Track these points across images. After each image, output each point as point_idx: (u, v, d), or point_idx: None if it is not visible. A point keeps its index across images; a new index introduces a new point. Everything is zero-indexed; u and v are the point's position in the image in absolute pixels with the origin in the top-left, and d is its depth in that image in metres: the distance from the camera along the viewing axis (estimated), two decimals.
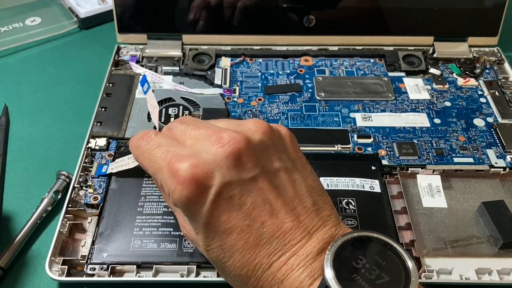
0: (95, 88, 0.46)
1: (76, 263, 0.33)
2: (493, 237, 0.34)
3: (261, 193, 0.25)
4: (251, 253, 0.25)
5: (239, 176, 0.25)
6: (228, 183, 0.25)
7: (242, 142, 0.26)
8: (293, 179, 0.27)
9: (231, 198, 0.25)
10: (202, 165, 0.25)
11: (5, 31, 0.56)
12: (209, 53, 0.50)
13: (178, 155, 0.26)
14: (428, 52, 0.51)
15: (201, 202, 0.25)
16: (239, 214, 0.25)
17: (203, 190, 0.25)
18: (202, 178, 0.25)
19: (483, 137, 0.42)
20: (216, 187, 0.25)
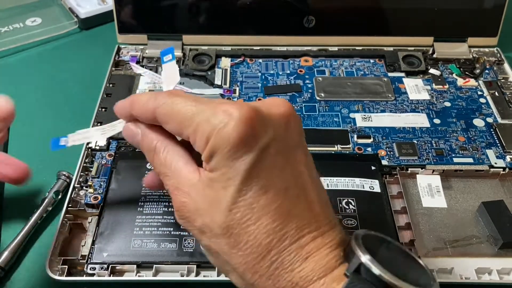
0: (95, 88, 0.47)
1: (76, 263, 0.33)
2: (492, 237, 0.34)
3: (300, 164, 0.25)
4: (281, 219, 0.24)
5: (286, 137, 0.25)
6: (276, 139, 0.24)
7: (291, 109, 0.26)
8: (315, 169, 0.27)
9: (277, 154, 0.24)
10: (259, 112, 0.24)
11: (5, 32, 0.56)
12: (209, 53, 0.50)
13: (227, 101, 0.25)
14: (428, 52, 0.51)
15: (250, 146, 0.23)
16: (280, 175, 0.24)
17: (257, 135, 0.24)
18: (258, 122, 0.24)
19: (483, 137, 0.42)
20: (269, 137, 0.24)
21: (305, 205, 0.24)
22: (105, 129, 0.31)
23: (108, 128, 0.31)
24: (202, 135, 0.24)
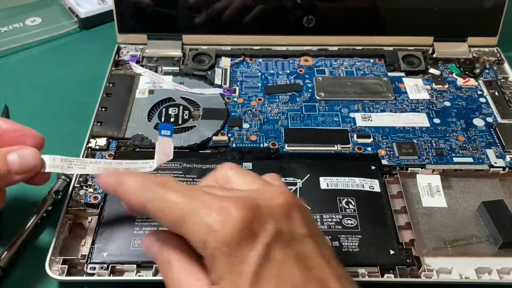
0: (95, 88, 0.46)
1: (76, 263, 0.33)
2: (492, 237, 0.34)
3: (312, 255, 0.23)
4: None
5: (290, 229, 0.23)
6: (280, 232, 0.23)
7: (294, 198, 0.24)
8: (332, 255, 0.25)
9: (284, 248, 0.22)
10: (255, 206, 0.23)
11: (5, 31, 0.56)
12: (209, 53, 0.50)
13: (220, 195, 0.23)
14: (428, 52, 0.51)
15: (253, 245, 0.22)
16: (293, 269, 0.22)
17: (257, 232, 0.22)
18: (256, 218, 0.22)
19: (483, 137, 0.42)
20: (271, 232, 0.22)
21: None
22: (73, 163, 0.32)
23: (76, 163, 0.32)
24: (198, 238, 0.22)
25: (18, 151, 0.31)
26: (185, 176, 0.37)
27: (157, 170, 0.37)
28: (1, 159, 0.30)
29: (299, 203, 0.25)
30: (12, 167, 0.30)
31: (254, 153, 0.40)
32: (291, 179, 0.37)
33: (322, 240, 0.25)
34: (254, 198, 0.24)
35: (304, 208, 0.25)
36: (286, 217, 0.23)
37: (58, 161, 0.32)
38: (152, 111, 0.44)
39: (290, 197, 0.24)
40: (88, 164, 0.32)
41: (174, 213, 0.23)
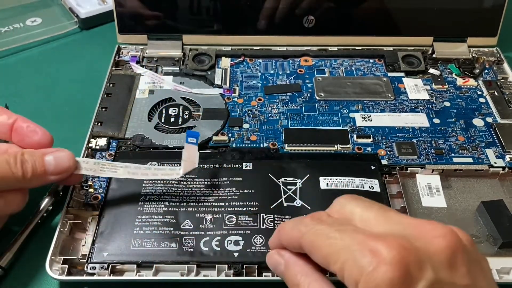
0: (95, 88, 0.47)
1: (76, 263, 0.33)
2: (492, 237, 0.34)
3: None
4: None
5: (452, 278, 0.21)
6: (439, 282, 0.20)
7: (458, 240, 0.22)
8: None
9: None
10: (413, 249, 0.21)
11: (5, 32, 0.56)
12: (209, 53, 0.50)
13: (375, 235, 0.22)
14: (428, 52, 0.51)
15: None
16: None
17: (412, 279, 0.20)
18: (413, 263, 0.20)
19: (483, 137, 0.42)
20: (427, 280, 0.20)
21: None
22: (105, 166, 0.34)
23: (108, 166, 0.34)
24: (350, 277, 0.21)
25: (54, 153, 0.32)
26: (185, 176, 0.37)
27: None
28: (39, 160, 0.32)
29: (467, 249, 0.22)
30: (48, 168, 0.32)
31: (254, 153, 0.40)
32: (291, 179, 0.37)
33: None
34: (411, 237, 0.22)
35: (472, 253, 0.22)
36: (448, 264, 0.21)
37: (91, 164, 0.34)
38: (152, 111, 0.44)
39: (455, 238, 0.22)
40: (119, 168, 0.34)
41: (325, 248, 0.23)
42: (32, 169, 0.31)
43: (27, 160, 0.31)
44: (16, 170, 0.31)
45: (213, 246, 0.33)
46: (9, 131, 0.34)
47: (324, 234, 0.23)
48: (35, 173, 0.31)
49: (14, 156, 0.31)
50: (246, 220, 0.35)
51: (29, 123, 0.34)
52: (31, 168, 0.31)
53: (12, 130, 0.34)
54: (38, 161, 0.32)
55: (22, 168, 0.31)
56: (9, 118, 0.34)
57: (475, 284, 0.21)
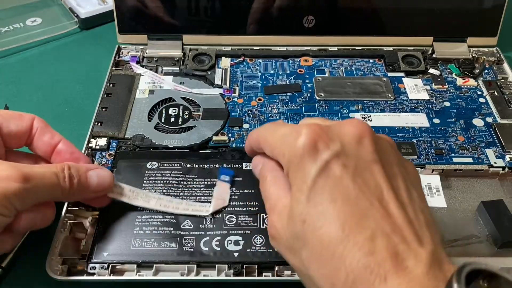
0: (95, 88, 0.47)
1: (76, 263, 0.33)
2: (492, 237, 0.34)
3: (375, 177, 0.25)
4: (352, 228, 0.23)
5: (358, 153, 0.25)
6: (345, 153, 0.25)
7: (368, 129, 0.26)
8: (410, 191, 0.26)
9: (345, 167, 0.25)
10: (325, 129, 0.26)
11: (5, 32, 0.56)
12: (209, 53, 0.50)
13: (305, 123, 0.27)
14: (428, 52, 0.51)
15: (315, 157, 0.25)
16: (349, 184, 0.24)
17: (323, 147, 0.25)
18: (325, 136, 0.26)
19: (482, 137, 0.42)
20: (333, 150, 0.25)
21: (381, 214, 0.24)
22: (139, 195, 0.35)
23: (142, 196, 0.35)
24: (281, 154, 0.27)
25: (97, 170, 0.33)
26: (185, 176, 0.37)
27: (158, 169, 0.38)
28: (83, 175, 0.32)
29: (374, 135, 0.26)
30: (91, 184, 0.33)
31: None
32: None
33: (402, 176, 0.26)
34: (329, 124, 0.27)
35: (378, 140, 0.27)
36: (355, 143, 0.26)
37: (126, 190, 0.35)
38: (152, 111, 0.44)
39: (363, 127, 0.26)
40: (152, 199, 0.35)
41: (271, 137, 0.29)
42: (78, 183, 0.31)
43: (74, 174, 0.31)
44: (64, 183, 0.31)
45: (213, 246, 0.33)
46: (51, 151, 0.34)
47: (272, 128, 0.29)
48: (79, 188, 0.32)
49: (61, 169, 0.31)
50: (246, 220, 0.35)
51: (73, 149, 0.35)
52: (77, 182, 0.31)
53: (54, 152, 0.34)
54: (83, 176, 0.32)
55: (70, 181, 0.31)
56: (52, 137, 0.34)
57: (380, 159, 0.26)
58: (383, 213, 0.24)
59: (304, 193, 0.25)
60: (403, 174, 0.26)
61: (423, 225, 0.24)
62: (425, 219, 0.25)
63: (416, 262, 0.22)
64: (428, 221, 0.25)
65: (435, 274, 0.22)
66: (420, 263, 0.22)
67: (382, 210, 0.24)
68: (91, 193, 0.33)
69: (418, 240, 0.23)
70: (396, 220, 0.24)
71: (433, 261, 0.22)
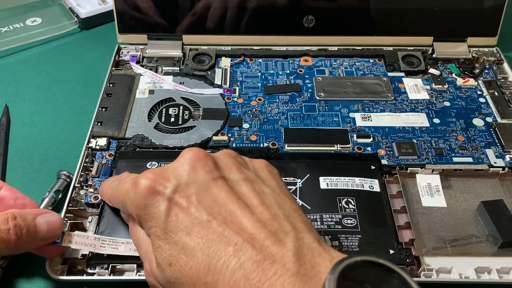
0: (95, 88, 0.47)
1: (76, 262, 0.33)
2: (492, 236, 0.34)
3: (220, 194, 0.25)
4: (215, 250, 0.23)
5: (195, 178, 0.26)
6: (183, 184, 0.26)
7: (200, 152, 0.27)
8: (260, 190, 0.26)
9: (188, 197, 0.25)
10: (159, 172, 0.27)
11: (5, 32, 0.56)
12: (209, 53, 0.50)
13: (142, 173, 0.27)
14: (428, 52, 0.51)
15: (158, 201, 0.26)
16: (198, 210, 0.25)
17: (160, 190, 0.26)
18: (158, 180, 0.26)
19: (482, 137, 0.42)
20: (171, 186, 0.26)
21: (236, 228, 0.24)
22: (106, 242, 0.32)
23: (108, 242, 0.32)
24: (130, 211, 0.28)
25: (45, 215, 0.30)
26: None
27: None
28: (32, 223, 0.29)
29: (203, 157, 0.27)
30: (40, 232, 0.30)
31: (254, 153, 0.40)
32: (291, 179, 0.37)
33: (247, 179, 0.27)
34: (165, 167, 0.27)
35: (209, 159, 0.27)
36: (190, 171, 0.26)
37: (91, 239, 0.32)
38: (152, 111, 0.44)
39: (193, 153, 0.27)
40: (120, 244, 0.32)
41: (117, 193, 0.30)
42: (26, 233, 0.28)
43: (21, 224, 0.28)
44: (9, 236, 0.28)
45: None
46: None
47: (116, 187, 0.30)
48: (28, 239, 0.29)
49: (4, 219, 0.28)
50: None
51: (17, 194, 0.32)
52: (26, 233, 0.28)
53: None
54: (31, 225, 0.29)
55: (16, 233, 0.28)
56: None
57: (223, 175, 0.26)
58: (237, 227, 0.24)
59: (161, 237, 0.25)
60: (249, 177, 0.27)
61: (283, 219, 0.24)
62: (283, 211, 0.25)
63: (284, 263, 0.22)
64: (287, 212, 0.25)
65: (306, 272, 0.22)
66: (288, 263, 0.22)
67: (236, 225, 0.24)
68: (41, 242, 0.30)
69: (278, 241, 0.23)
70: (252, 228, 0.24)
71: (300, 258, 0.22)
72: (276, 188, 0.27)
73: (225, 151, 0.29)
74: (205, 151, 0.27)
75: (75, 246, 0.31)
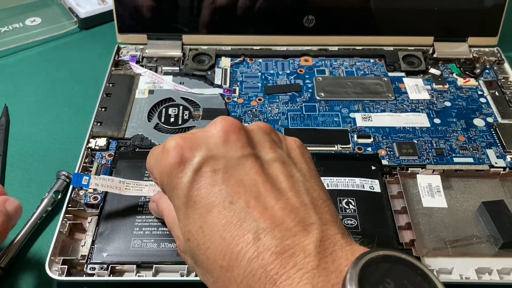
0: (95, 88, 0.47)
1: (76, 263, 0.33)
2: (493, 237, 0.34)
3: (248, 173, 0.24)
4: (233, 235, 0.22)
5: (226, 152, 0.24)
6: (213, 157, 0.24)
7: (234, 124, 0.25)
8: (291, 173, 0.24)
9: (215, 172, 0.24)
10: (190, 138, 0.25)
11: (5, 31, 0.56)
12: (209, 53, 0.50)
13: (171, 137, 0.26)
14: (428, 52, 0.51)
15: (183, 171, 0.24)
16: (221, 189, 0.23)
17: (187, 159, 0.24)
18: (187, 147, 0.24)
19: (483, 137, 0.42)
20: (199, 157, 0.24)
21: (259, 213, 0.22)
22: (130, 185, 0.34)
23: (133, 185, 0.34)
24: (156, 177, 0.27)
25: (10, 202, 0.31)
26: None
27: None
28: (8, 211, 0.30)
29: (238, 128, 0.25)
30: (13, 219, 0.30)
31: None
32: None
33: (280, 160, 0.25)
34: (194, 132, 0.26)
35: (252, 131, 0.26)
36: (222, 142, 0.24)
37: (116, 182, 0.34)
38: (152, 111, 0.44)
39: (227, 123, 0.25)
40: (144, 187, 0.34)
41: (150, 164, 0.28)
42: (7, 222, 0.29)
43: None
44: None
45: None
46: None
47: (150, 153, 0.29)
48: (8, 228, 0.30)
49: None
50: None
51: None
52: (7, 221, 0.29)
53: None
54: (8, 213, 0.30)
55: None
56: None
57: (250, 152, 0.24)
58: (261, 210, 0.22)
59: (182, 210, 0.24)
60: (282, 157, 0.25)
61: (310, 208, 0.23)
62: (311, 199, 0.23)
63: (304, 256, 0.21)
64: (315, 201, 0.24)
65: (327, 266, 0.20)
66: (308, 257, 0.21)
67: (260, 207, 0.22)
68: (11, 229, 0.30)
69: (303, 229, 0.22)
70: (276, 213, 0.22)
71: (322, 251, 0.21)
72: (307, 173, 0.25)
73: (260, 124, 0.27)
74: (240, 123, 0.25)
75: (102, 188, 0.33)
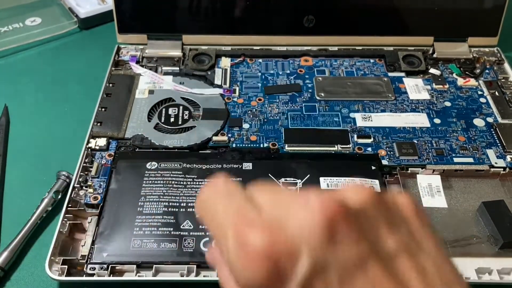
0: (95, 88, 0.46)
1: (76, 263, 0.33)
2: (493, 237, 0.34)
3: (373, 282, 0.17)
4: None
5: (336, 255, 0.17)
6: (320, 266, 0.17)
7: (337, 206, 0.17)
8: (421, 266, 0.18)
9: (329, 284, 0.17)
10: (283, 238, 0.17)
11: (5, 31, 0.56)
12: (209, 53, 0.50)
13: (250, 218, 0.18)
14: (428, 52, 0.51)
15: None
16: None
17: (285, 275, 0.17)
18: (283, 257, 0.17)
19: (483, 137, 0.42)
20: (303, 272, 0.17)
21: None
22: None
23: None
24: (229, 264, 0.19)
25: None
26: (185, 176, 0.37)
27: (158, 169, 0.38)
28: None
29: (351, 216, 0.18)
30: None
31: (254, 153, 0.40)
32: (291, 179, 0.37)
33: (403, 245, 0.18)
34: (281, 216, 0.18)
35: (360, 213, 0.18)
36: (327, 241, 0.17)
37: None
38: (152, 111, 0.44)
39: (334, 209, 0.17)
40: None
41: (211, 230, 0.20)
42: None
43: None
44: None
45: None
46: None
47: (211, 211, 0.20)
48: None
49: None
50: None
51: None
52: None
53: None
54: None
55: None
56: None
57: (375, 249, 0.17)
58: None
59: None
60: (405, 243, 0.18)
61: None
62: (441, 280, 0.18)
63: None
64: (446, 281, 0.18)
65: None
66: None
67: None
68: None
69: None
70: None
71: None
72: (438, 256, 0.19)
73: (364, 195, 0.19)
74: (341, 199, 0.18)
75: None
